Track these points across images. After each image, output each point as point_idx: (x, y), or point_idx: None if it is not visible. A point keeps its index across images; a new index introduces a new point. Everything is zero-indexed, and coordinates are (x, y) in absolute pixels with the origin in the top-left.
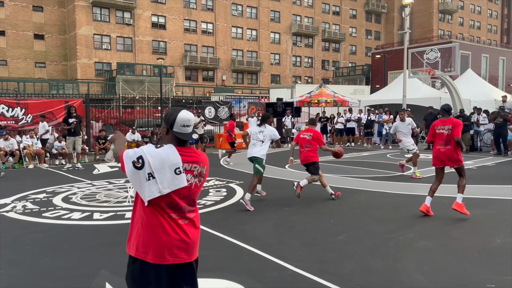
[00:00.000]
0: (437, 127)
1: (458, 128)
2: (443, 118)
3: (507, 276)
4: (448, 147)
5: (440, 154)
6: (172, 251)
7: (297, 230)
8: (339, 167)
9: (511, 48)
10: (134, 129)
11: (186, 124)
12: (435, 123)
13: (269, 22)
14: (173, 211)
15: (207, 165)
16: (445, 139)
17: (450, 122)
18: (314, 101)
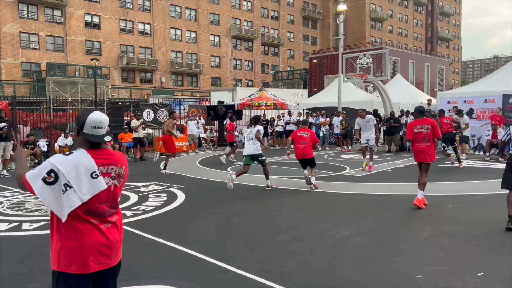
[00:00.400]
0: (415, 127)
1: (438, 128)
2: (419, 119)
3: (433, 267)
4: (427, 144)
5: (420, 150)
6: (96, 258)
7: (239, 232)
8: (280, 169)
9: (434, 55)
10: (66, 133)
11: (98, 125)
12: (412, 123)
13: (209, 24)
14: (93, 217)
15: (125, 165)
16: (424, 137)
17: (427, 122)
18: (254, 104)
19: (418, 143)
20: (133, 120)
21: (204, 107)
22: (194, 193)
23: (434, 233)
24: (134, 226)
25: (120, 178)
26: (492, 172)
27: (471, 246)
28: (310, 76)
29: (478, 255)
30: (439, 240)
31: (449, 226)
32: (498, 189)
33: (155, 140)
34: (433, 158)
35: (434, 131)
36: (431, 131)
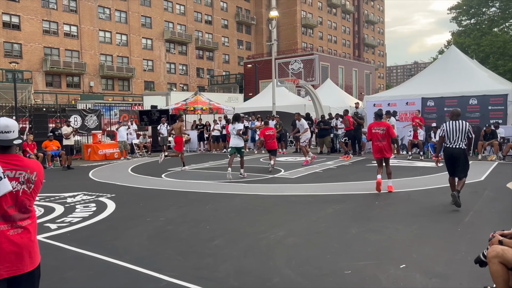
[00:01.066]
0: (373, 128)
1: (392, 129)
2: (377, 121)
3: (360, 262)
4: (384, 143)
5: (379, 148)
6: (4, 265)
7: (173, 239)
8: (215, 173)
9: (361, 61)
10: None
11: (5, 130)
12: (371, 125)
13: (140, 27)
14: (2, 221)
15: (36, 171)
16: (381, 137)
17: (383, 124)
18: (190, 108)
19: (376, 142)
20: (64, 127)
21: (136, 112)
22: (126, 201)
23: (362, 230)
24: (59, 239)
25: (30, 184)
26: (414, 170)
27: (395, 240)
28: (246, 81)
29: (401, 248)
30: (366, 236)
31: (376, 222)
32: (419, 185)
33: (84, 147)
34: (390, 153)
35: (389, 132)
36: (386, 132)
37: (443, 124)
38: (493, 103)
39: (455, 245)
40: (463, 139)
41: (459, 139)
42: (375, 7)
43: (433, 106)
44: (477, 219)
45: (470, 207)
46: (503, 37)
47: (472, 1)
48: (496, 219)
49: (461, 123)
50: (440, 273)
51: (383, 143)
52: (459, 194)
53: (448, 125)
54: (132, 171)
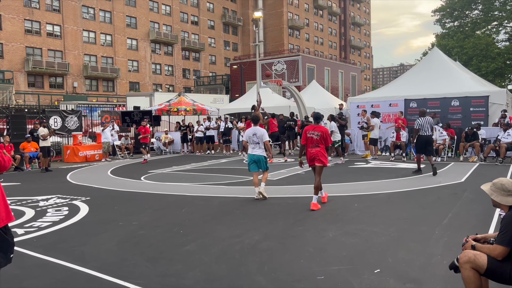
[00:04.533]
0: (308, 132)
1: (328, 136)
2: (313, 124)
3: (335, 267)
4: (317, 149)
5: (311, 155)
6: None
7: (143, 245)
8: (195, 175)
9: (347, 63)
10: None
11: None
12: (306, 128)
13: (125, 27)
14: None
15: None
16: (315, 142)
17: (319, 129)
18: (173, 109)
19: (310, 148)
20: (41, 128)
21: (118, 113)
22: (100, 205)
23: (338, 233)
24: (24, 245)
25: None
26: (395, 171)
27: (371, 244)
28: (232, 82)
29: (376, 252)
30: (342, 240)
31: (353, 225)
32: (400, 187)
33: (63, 149)
34: (325, 162)
35: (324, 137)
36: (320, 137)
37: (418, 120)
38: (474, 105)
39: (431, 249)
40: (430, 129)
41: (429, 129)
42: (361, 9)
43: (415, 107)
44: (455, 222)
45: (449, 209)
46: (486, 39)
47: (455, 3)
48: (474, 222)
49: (428, 118)
50: (414, 278)
51: (316, 149)
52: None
53: (421, 120)
54: (111, 173)
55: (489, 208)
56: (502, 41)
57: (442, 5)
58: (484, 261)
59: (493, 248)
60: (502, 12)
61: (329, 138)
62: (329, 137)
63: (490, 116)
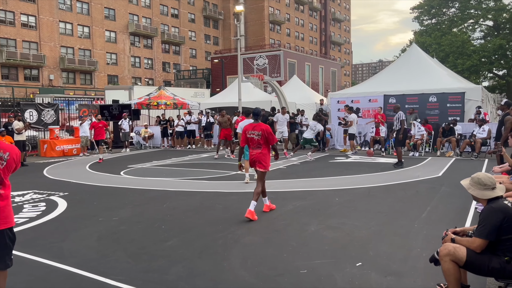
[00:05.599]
0: (248, 132)
1: (271, 134)
2: (253, 123)
3: (317, 260)
4: (258, 151)
5: (252, 157)
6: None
7: (124, 240)
8: (176, 170)
9: (328, 58)
10: None
11: None
12: (245, 128)
13: (103, 19)
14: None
15: (10, 152)
16: (256, 143)
17: (259, 128)
18: (153, 103)
19: (251, 150)
20: (15, 121)
21: (97, 107)
22: (79, 200)
23: (320, 227)
24: None
25: (2, 161)
26: (375, 166)
27: (352, 237)
28: (213, 76)
29: (358, 245)
30: (324, 234)
31: (335, 219)
32: (380, 181)
33: (40, 143)
34: (267, 166)
35: (266, 137)
36: (262, 137)
37: (401, 113)
38: (451, 101)
39: (411, 242)
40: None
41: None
42: (342, 5)
43: (394, 103)
44: (434, 215)
45: (427, 203)
46: (462, 37)
47: (433, 1)
48: (451, 215)
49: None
50: (395, 271)
51: (258, 151)
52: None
53: (403, 114)
54: (90, 168)
55: (465, 202)
56: (477, 39)
57: (420, 3)
58: (463, 254)
59: (472, 241)
60: (477, 10)
61: (272, 137)
62: (271, 136)
63: (466, 112)
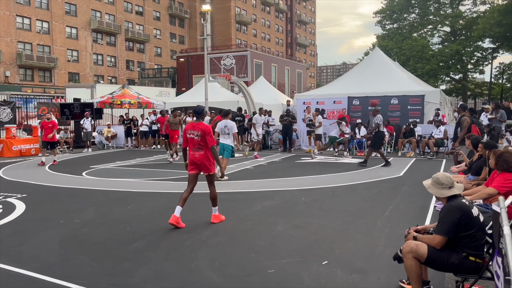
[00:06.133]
0: (188, 132)
1: (209, 135)
2: (194, 122)
3: (285, 260)
4: (200, 153)
5: (194, 159)
6: None
7: (87, 243)
8: (141, 171)
9: (294, 60)
10: None
11: None
12: (186, 127)
13: (64, 15)
14: None
15: None
16: (196, 144)
17: (199, 127)
18: (116, 102)
19: (192, 151)
20: None
21: (57, 105)
22: (38, 202)
23: (287, 227)
24: None
25: None
26: (339, 166)
27: (318, 236)
28: (179, 75)
29: (324, 244)
30: (291, 233)
31: (301, 218)
32: (344, 181)
33: None
34: (211, 168)
35: (205, 138)
36: (202, 138)
37: (378, 116)
38: (412, 103)
39: (374, 240)
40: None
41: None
42: (307, 7)
43: (358, 105)
44: (395, 214)
45: (390, 202)
46: (422, 42)
47: (394, 6)
48: (412, 214)
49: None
50: (360, 269)
51: (199, 153)
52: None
53: (381, 118)
54: (49, 169)
55: (425, 201)
56: (436, 44)
57: (383, 8)
58: (424, 251)
59: (433, 238)
60: (436, 16)
61: (211, 138)
62: (209, 137)
63: (425, 114)
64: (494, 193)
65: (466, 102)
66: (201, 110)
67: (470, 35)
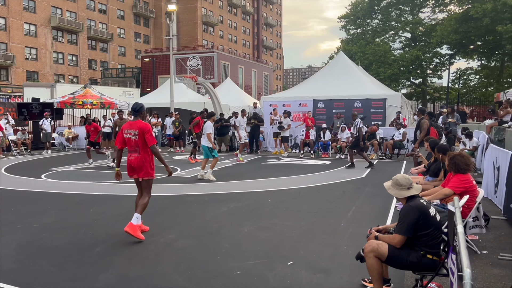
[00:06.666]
0: (125, 131)
1: (149, 133)
2: (131, 121)
3: (250, 261)
4: (136, 155)
5: (131, 162)
6: None
7: (47, 248)
8: (104, 173)
9: (260, 62)
10: None
11: None
12: (123, 126)
13: (22, 11)
14: None
15: None
16: (133, 145)
17: (136, 126)
18: (78, 102)
19: (129, 153)
20: None
21: (14, 105)
22: None
23: (253, 228)
24: None
25: None
26: (305, 167)
27: (284, 237)
28: (143, 75)
29: (289, 245)
30: (257, 235)
31: (267, 220)
32: (309, 182)
33: None
34: (150, 172)
35: (144, 137)
36: (139, 138)
37: (358, 120)
38: (374, 106)
39: (338, 240)
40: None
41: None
42: (274, 10)
43: (323, 108)
44: (358, 214)
45: (353, 202)
46: (384, 47)
47: (358, 12)
48: (374, 214)
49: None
50: (323, 268)
51: (136, 155)
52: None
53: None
54: (6, 171)
55: (387, 201)
56: (397, 49)
57: (347, 13)
58: (385, 250)
59: (393, 237)
60: (397, 23)
61: (150, 138)
62: (149, 136)
63: (387, 117)
64: (450, 193)
65: (426, 106)
66: (139, 108)
67: (429, 42)
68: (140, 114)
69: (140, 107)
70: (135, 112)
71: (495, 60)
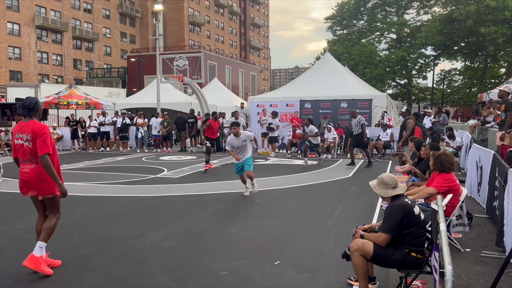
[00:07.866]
0: (15, 136)
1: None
2: (23, 121)
3: (237, 261)
4: (32, 166)
5: (23, 176)
6: None
7: (31, 250)
8: (89, 174)
9: (248, 63)
10: None
11: None
12: (13, 130)
13: (5, 10)
14: None
15: None
16: (27, 154)
17: (29, 128)
18: (63, 102)
19: (22, 164)
20: None
21: None
22: None
23: (240, 228)
24: None
25: None
26: (292, 168)
27: (271, 237)
28: (129, 75)
29: (276, 245)
30: (244, 235)
31: (254, 220)
32: (296, 182)
33: None
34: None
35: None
36: (33, 144)
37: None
38: (360, 107)
39: (324, 239)
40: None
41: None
42: (261, 11)
43: (309, 108)
44: (344, 214)
45: (339, 202)
46: (370, 48)
47: (344, 13)
48: (360, 213)
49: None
50: (310, 267)
51: (29, 166)
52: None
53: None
54: None
55: (372, 201)
56: (383, 50)
57: (333, 14)
58: (371, 248)
59: (378, 236)
60: (383, 24)
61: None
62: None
63: (373, 117)
64: (434, 192)
65: (411, 106)
66: (34, 104)
67: (414, 43)
68: (36, 113)
69: (35, 102)
70: (28, 111)
71: (478, 61)
